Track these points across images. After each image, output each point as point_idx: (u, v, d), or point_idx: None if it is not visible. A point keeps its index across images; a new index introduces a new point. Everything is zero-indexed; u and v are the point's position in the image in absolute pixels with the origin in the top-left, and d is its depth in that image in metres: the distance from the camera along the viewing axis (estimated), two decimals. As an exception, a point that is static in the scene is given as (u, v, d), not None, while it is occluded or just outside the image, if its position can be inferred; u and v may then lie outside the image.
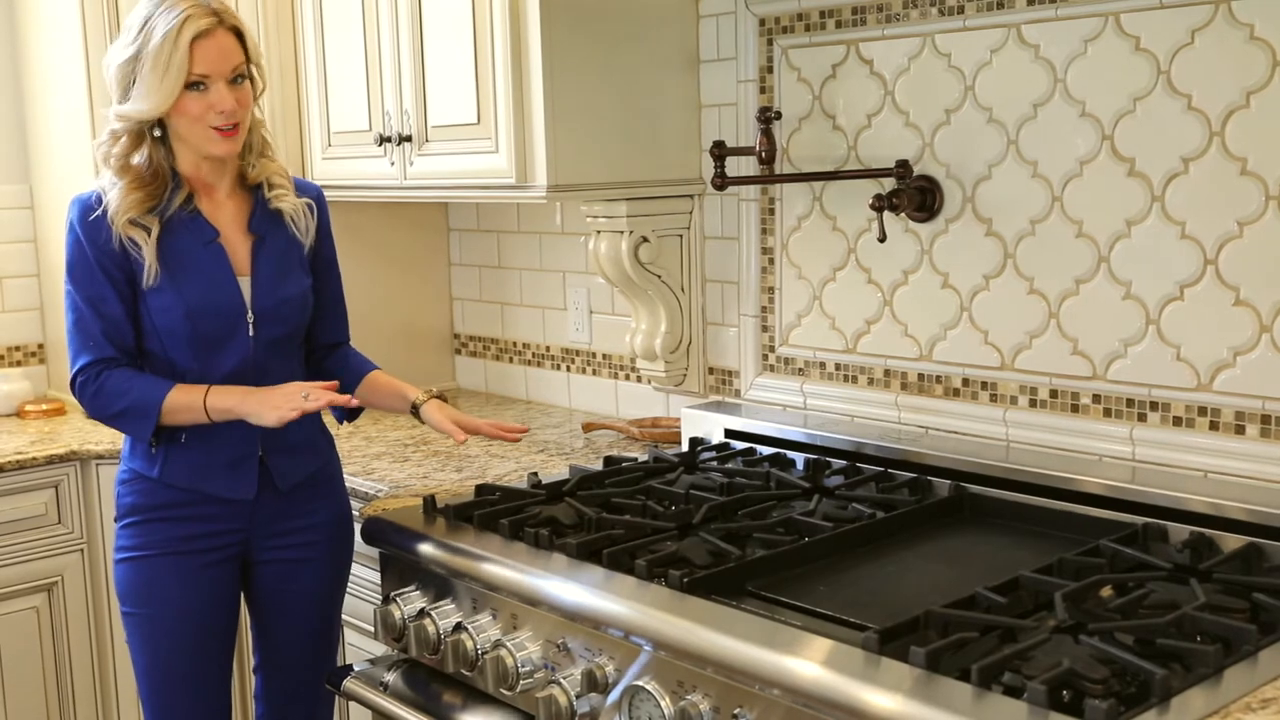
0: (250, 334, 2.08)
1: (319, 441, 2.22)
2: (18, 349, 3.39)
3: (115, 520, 2.16)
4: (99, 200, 2.04)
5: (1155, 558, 1.73)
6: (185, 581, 2.09)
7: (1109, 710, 1.25)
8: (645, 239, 2.60)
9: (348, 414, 2.24)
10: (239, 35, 2.02)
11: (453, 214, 3.40)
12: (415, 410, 2.21)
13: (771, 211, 2.52)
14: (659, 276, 2.65)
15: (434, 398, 2.22)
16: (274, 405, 2.01)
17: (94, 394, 2.05)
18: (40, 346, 3.41)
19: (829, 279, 2.43)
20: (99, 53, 2.95)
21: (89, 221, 2.03)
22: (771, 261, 2.54)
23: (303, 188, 2.20)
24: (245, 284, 2.08)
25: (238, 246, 2.09)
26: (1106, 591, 1.63)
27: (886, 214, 2.19)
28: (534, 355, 3.21)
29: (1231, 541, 1.78)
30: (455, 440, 2.16)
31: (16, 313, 3.38)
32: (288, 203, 2.13)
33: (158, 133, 2.04)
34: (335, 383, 2.09)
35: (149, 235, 2.02)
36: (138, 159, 2.04)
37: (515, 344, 3.27)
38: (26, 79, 3.31)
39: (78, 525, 2.83)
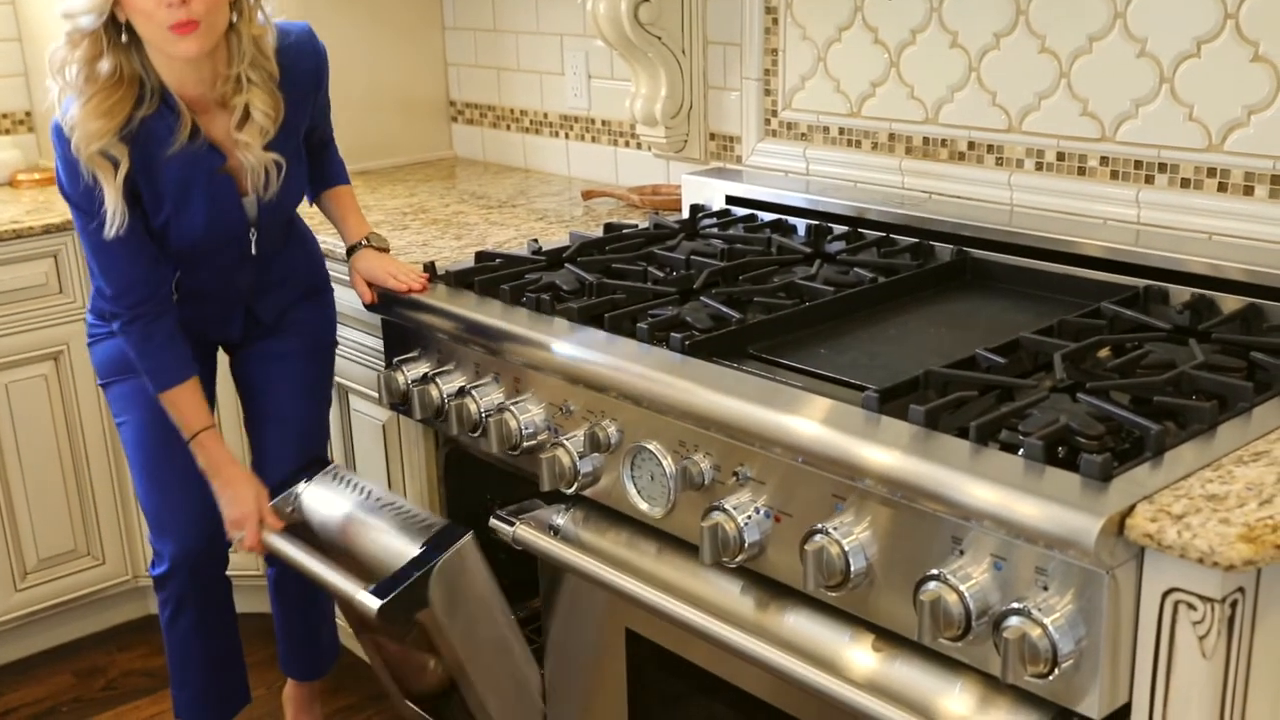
0: (252, 239, 2.04)
1: (302, 266, 2.21)
2: (5, 117, 3.32)
3: (87, 310, 2.15)
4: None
5: (1155, 319, 1.73)
6: None
7: (1103, 464, 1.27)
8: (645, -2, 2.51)
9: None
10: None
11: (445, -26, 3.28)
12: (351, 249, 2.18)
13: (776, -32, 2.43)
14: (659, 38, 2.57)
15: (369, 247, 2.15)
16: (232, 519, 2.07)
17: (119, 331, 2.01)
18: (28, 114, 3.34)
19: (834, 39, 2.36)
20: None
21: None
22: (775, 21, 2.45)
23: (298, 55, 2.00)
24: (250, 202, 2.01)
25: (237, 168, 1.97)
26: (1105, 352, 1.64)
27: (896, -31, 2.11)
28: (532, 122, 3.15)
29: (1232, 303, 1.78)
30: (362, 299, 2.14)
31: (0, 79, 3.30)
32: (252, 157, 1.94)
33: (124, 38, 1.83)
34: (281, 526, 2.08)
35: (115, 171, 1.85)
36: (103, 66, 1.83)
37: (513, 111, 3.20)
38: None
39: (79, 294, 2.84)
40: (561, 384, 1.81)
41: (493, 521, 1.87)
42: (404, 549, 1.92)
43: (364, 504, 2.05)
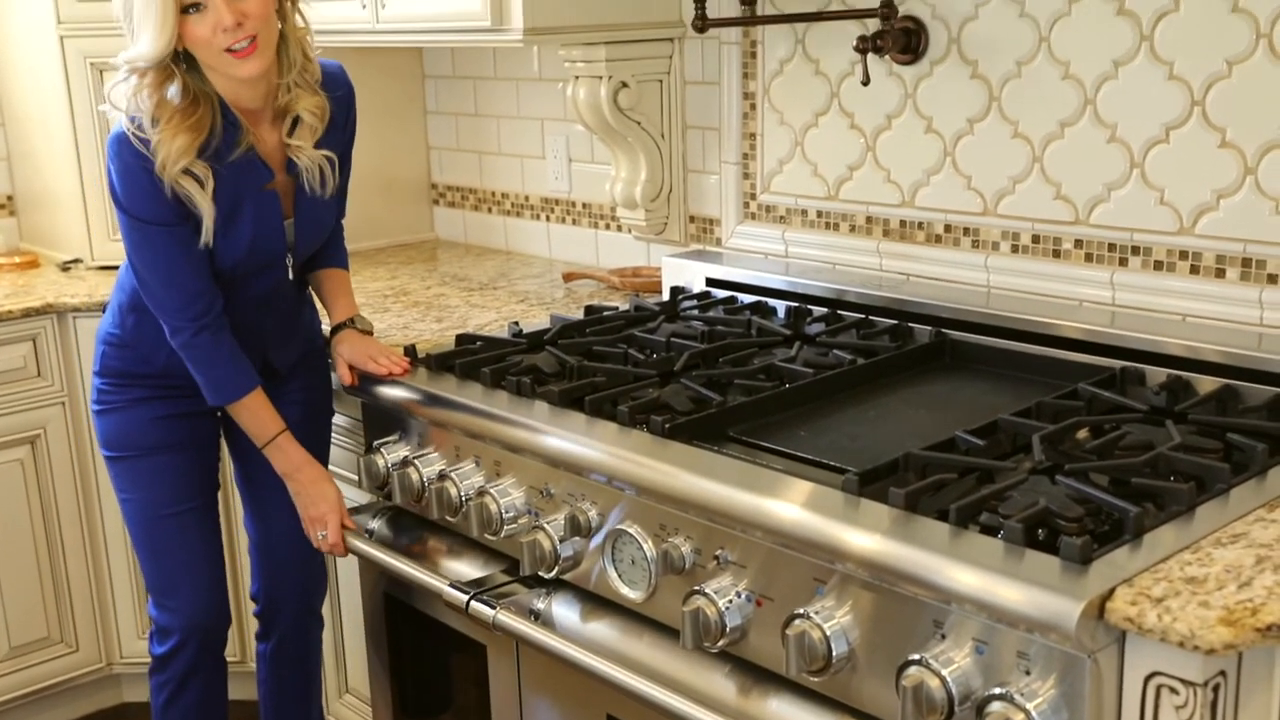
0: (288, 265, 2.07)
1: (314, 323, 2.24)
2: (-13, 201, 3.33)
3: (94, 371, 2.16)
4: (146, 142, 1.88)
5: (1132, 400, 1.74)
6: (166, 425, 2.10)
7: (1083, 547, 1.28)
8: (625, 84, 2.55)
9: None
10: None
11: (428, 60, 3.33)
12: (335, 328, 2.18)
13: (753, 55, 2.47)
14: (639, 123, 2.60)
15: (352, 328, 2.15)
16: (313, 517, 2.09)
17: (185, 347, 2.00)
18: (9, 198, 3.35)
19: (811, 124, 2.40)
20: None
21: (145, 168, 1.88)
22: (753, 107, 2.49)
23: (334, 81, 2.06)
24: (289, 226, 2.05)
25: (281, 186, 2.02)
26: (1083, 433, 1.65)
27: (870, 56, 2.15)
28: (513, 205, 3.18)
29: (1207, 384, 1.80)
30: (342, 382, 2.13)
31: (-16, 164, 3.31)
32: (305, 157, 2.00)
33: (183, 65, 1.89)
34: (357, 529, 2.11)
35: (203, 188, 1.90)
36: (172, 92, 1.89)
37: (494, 194, 3.23)
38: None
39: (58, 378, 2.83)
40: (542, 467, 1.81)
41: (473, 604, 1.85)
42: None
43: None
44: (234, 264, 2.00)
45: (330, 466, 2.42)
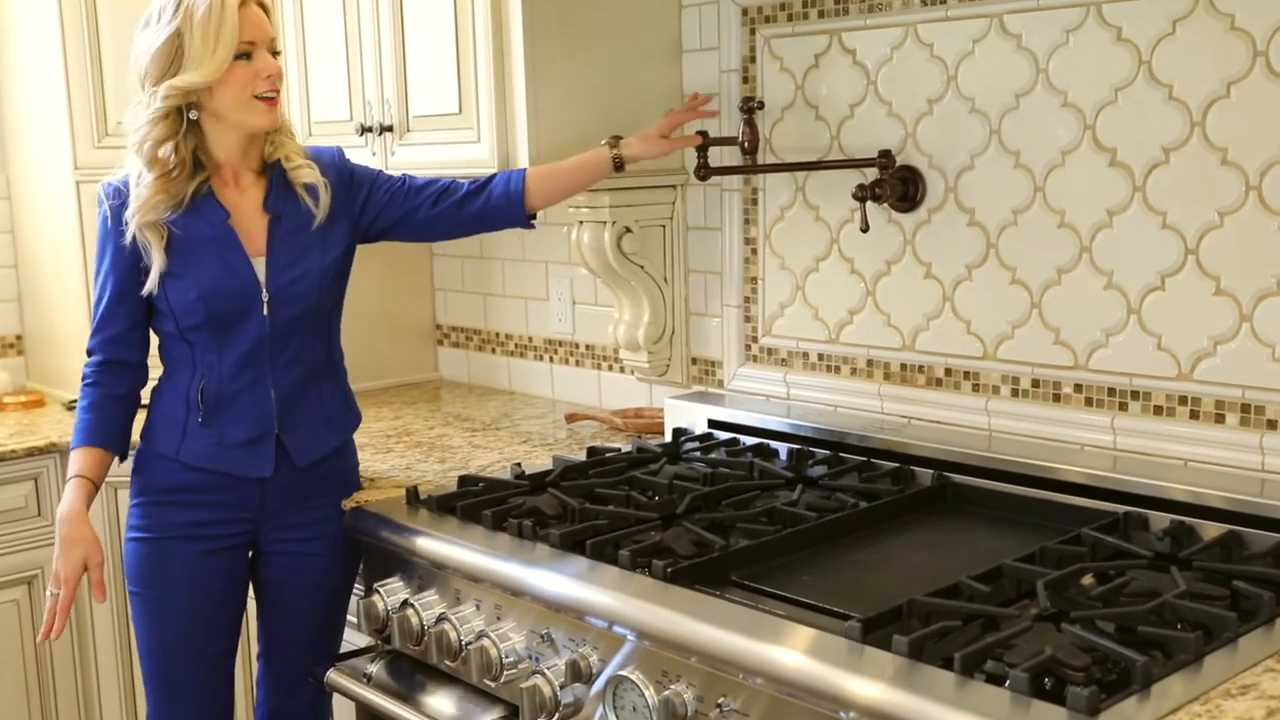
0: (265, 313, 2.07)
1: (345, 418, 2.22)
2: (-3, 340, 3.37)
3: (130, 497, 2.17)
4: (126, 189, 2.06)
5: (1136, 546, 1.73)
6: (192, 565, 2.10)
7: (1090, 697, 1.26)
8: (628, 229, 2.60)
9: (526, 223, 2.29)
10: (265, 10, 2.09)
11: (435, 204, 3.39)
12: (616, 158, 2.25)
13: (754, 201, 2.52)
14: (642, 267, 2.64)
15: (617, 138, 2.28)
16: (53, 575, 2.05)
17: (85, 375, 2.13)
18: (18, 338, 3.39)
19: (812, 269, 2.43)
20: (76, 40, 2.95)
21: (113, 210, 2.07)
22: (754, 251, 2.54)
23: (319, 154, 2.19)
24: (260, 264, 2.08)
25: (253, 227, 2.09)
26: (1088, 580, 1.64)
27: (869, 204, 2.19)
28: (517, 346, 3.20)
29: (1211, 530, 1.79)
30: (691, 114, 2.33)
31: (-5, 304, 3.36)
32: (306, 174, 2.12)
33: (193, 115, 2.04)
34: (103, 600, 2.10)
35: (161, 239, 2.04)
36: (164, 151, 2.04)
37: (498, 335, 3.26)
38: (1, 66, 3.28)
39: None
40: (543, 611, 1.79)
41: (470, 754, 1.83)
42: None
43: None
44: (201, 296, 2.03)
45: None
